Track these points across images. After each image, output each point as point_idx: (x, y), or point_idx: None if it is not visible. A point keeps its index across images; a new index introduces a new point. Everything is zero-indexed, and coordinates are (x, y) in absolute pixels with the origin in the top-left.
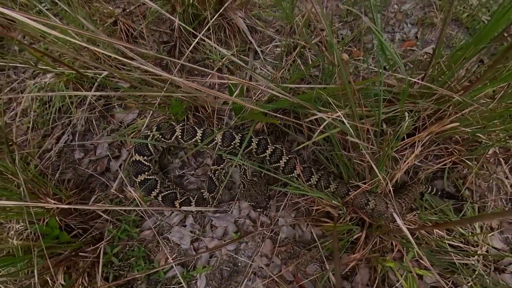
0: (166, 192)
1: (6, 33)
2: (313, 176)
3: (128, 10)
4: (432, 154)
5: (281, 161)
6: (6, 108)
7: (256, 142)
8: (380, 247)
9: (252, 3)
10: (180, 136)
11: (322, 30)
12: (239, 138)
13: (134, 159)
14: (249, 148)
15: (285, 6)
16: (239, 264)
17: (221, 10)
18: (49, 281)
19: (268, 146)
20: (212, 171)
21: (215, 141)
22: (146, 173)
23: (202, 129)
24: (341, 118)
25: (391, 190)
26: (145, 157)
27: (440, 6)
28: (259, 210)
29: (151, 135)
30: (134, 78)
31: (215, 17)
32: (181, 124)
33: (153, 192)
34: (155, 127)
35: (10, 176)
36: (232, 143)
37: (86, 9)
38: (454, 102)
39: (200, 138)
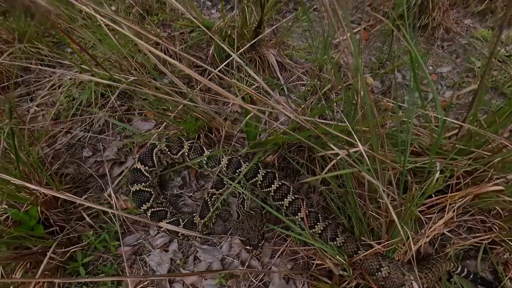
0: (157, 209)
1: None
2: (318, 224)
3: (172, 34)
4: (465, 225)
5: (285, 199)
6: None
7: (263, 175)
8: None
9: (286, 44)
10: (186, 153)
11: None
12: (246, 166)
13: (135, 167)
14: (254, 180)
15: (317, 50)
16: None
17: (252, 42)
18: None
19: (275, 181)
20: (209, 195)
21: (220, 166)
22: (143, 183)
23: (210, 150)
24: (361, 151)
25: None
26: (147, 167)
27: (479, 73)
28: (248, 247)
29: (158, 146)
30: (159, 87)
31: (246, 47)
32: (190, 141)
33: (143, 206)
34: (165, 140)
35: (13, 156)
36: (238, 171)
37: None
38: (497, 163)
39: (206, 158)
